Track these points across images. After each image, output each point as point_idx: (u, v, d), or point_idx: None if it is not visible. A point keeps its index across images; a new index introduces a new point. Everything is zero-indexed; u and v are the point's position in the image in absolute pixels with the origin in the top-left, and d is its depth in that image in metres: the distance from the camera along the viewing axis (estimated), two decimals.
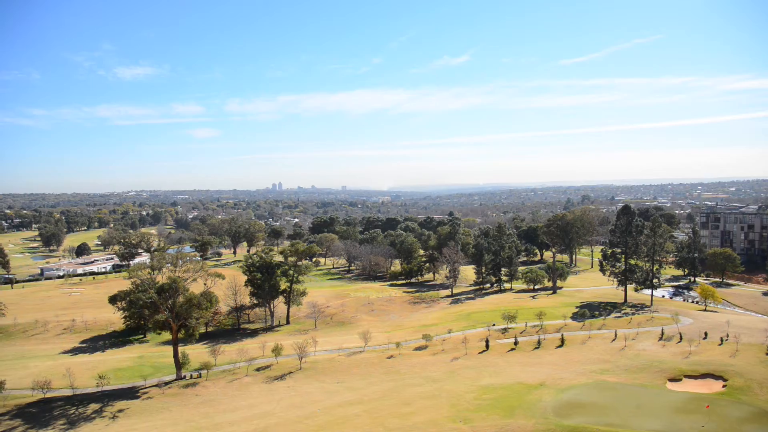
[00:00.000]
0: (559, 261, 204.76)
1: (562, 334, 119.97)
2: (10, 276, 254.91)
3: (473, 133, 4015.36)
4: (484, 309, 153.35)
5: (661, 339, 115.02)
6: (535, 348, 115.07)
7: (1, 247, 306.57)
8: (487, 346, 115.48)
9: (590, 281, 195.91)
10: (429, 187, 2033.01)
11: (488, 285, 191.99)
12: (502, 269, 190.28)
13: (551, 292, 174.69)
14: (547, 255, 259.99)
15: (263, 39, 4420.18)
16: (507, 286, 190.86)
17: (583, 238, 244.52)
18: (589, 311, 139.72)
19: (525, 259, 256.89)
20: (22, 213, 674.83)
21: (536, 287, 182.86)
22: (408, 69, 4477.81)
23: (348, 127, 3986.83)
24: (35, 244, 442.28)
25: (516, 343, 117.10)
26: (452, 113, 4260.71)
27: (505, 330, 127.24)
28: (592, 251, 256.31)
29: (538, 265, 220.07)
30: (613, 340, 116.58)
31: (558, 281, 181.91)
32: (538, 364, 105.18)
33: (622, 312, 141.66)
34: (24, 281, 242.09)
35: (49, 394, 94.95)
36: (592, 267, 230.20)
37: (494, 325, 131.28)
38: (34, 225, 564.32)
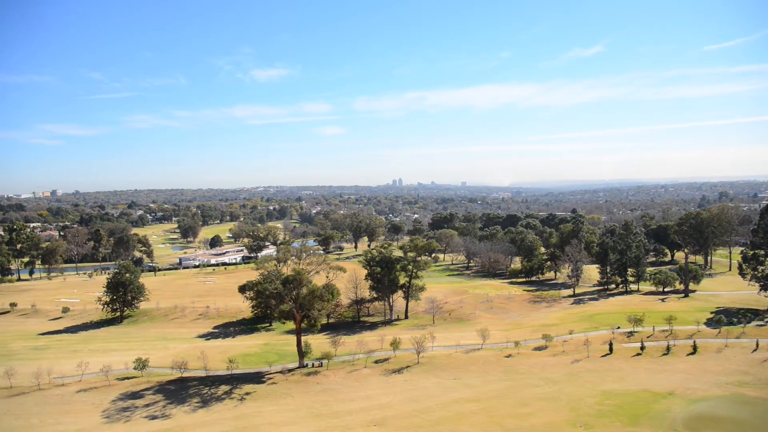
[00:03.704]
0: (691, 262, 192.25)
1: (694, 341, 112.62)
2: (154, 264, 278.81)
3: (601, 127, 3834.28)
4: (608, 310, 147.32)
5: None
6: (664, 354, 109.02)
7: (147, 238, 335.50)
8: (611, 350, 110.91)
9: (727, 285, 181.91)
10: (551, 183, 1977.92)
11: (613, 285, 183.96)
12: (629, 269, 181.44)
13: (683, 295, 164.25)
14: (679, 256, 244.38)
15: (391, 36, 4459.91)
16: (633, 287, 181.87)
17: (719, 239, 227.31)
18: (726, 318, 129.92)
19: (654, 259, 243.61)
20: (163, 207, 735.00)
21: (666, 290, 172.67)
22: (537, 62, 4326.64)
23: (472, 122, 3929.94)
24: (175, 236, 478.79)
25: (642, 347, 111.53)
26: (580, 107, 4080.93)
27: (630, 333, 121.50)
28: (730, 253, 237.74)
29: (669, 267, 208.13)
30: (755, 350, 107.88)
31: (691, 284, 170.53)
32: (666, 371, 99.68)
33: (766, 320, 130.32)
34: (165, 269, 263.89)
35: (185, 374, 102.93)
36: (729, 270, 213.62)
37: (619, 327, 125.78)
38: (173, 218, 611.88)
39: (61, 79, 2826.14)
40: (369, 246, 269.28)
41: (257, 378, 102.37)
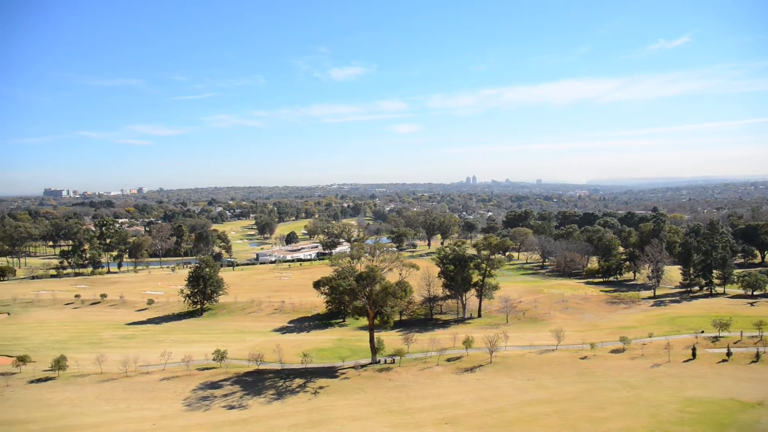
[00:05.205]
0: None
1: None
2: (232, 260, 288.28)
3: (685, 122, 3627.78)
4: (691, 314, 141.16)
5: None
6: (753, 361, 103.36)
7: (226, 234, 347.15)
8: (694, 355, 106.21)
9: None
10: (630, 181, 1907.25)
11: (696, 288, 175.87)
12: (714, 271, 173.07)
13: None
14: None
15: (467, 33, 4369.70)
16: (719, 290, 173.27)
17: None
18: None
19: (742, 261, 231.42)
20: (241, 204, 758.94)
21: (755, 293, 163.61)
22: (617, 56, 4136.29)
23: (548, 119, 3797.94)
24: (252, 232, 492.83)
25: (729, 353, 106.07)
26: (663, 101, 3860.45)
27: (715, 338, 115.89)
28: None
29: (758, 269, 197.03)
30: None
31: None
32: (755, 379, 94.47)
33: None
34: (243, 264, 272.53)
35: (261, 366, 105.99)
36: None
37: (702, 332, 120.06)
38: (251, 215, 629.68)
39: (148, 82, 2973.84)
40: (442, 243, 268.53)
41: (330, 372, 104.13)
